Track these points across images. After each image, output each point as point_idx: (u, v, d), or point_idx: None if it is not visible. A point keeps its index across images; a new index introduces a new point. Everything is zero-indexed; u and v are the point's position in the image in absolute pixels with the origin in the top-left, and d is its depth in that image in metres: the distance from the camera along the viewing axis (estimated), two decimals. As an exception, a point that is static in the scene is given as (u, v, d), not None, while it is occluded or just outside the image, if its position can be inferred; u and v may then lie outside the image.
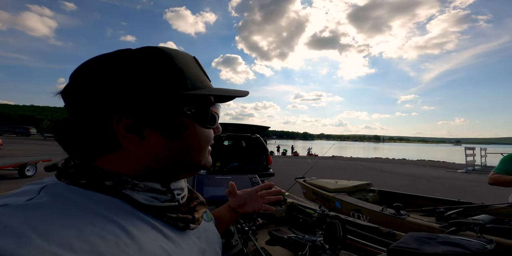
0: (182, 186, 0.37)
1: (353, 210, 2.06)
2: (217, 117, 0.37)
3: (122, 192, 0.29)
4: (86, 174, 0.29)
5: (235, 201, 0.61)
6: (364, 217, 1.93)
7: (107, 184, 0.28)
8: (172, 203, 0.33)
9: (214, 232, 0.44)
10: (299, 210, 1.48)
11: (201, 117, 0.34)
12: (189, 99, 0.32)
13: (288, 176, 7.51)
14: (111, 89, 0.28)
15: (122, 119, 0.29)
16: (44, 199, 0.24)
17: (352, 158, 19.14)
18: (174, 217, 0.32)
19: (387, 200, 2.56)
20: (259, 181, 1.05)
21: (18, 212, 0.21)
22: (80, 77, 0.29)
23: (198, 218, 0.36)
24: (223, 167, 4.68)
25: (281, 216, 1.53)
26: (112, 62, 0.29)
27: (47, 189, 0.26)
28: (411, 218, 1.64)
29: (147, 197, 0.30)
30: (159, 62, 0.30)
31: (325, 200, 2.53)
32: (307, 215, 1.36)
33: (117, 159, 0.30)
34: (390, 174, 9.36)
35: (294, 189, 3.21)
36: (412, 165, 13.56)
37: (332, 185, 2.68)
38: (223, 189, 0.91)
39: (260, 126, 4.92)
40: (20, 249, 0.18)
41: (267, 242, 1.14)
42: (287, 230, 1.35)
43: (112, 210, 0.27)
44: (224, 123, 4.62)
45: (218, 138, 4.80)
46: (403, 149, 71.19)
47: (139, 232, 0.27)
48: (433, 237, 0.71)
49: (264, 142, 5.32)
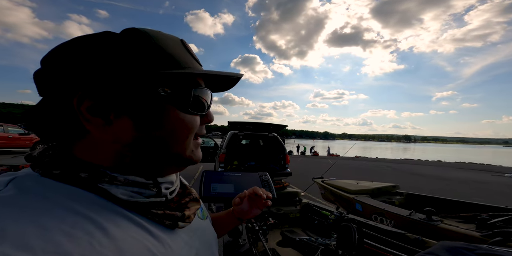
0: (172, 179, 0.34)
1: (375, 214, 1.90)
2: (205, 102, 0.33)
3: (97, 186, 0.26)
4: (61, 164, 0.26)
5: (240, 208, 0.56)
6: (388, 221, 1.77)
7: (82, 176, 0.26)
8: (158, 198, 0.30)
9: (209, 231, 0.41)
10: (314, 211, 1.41)
11: (180, 100, 0.30)
12: (166, 79, 0.29)
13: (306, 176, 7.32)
14: (73, 67, 0.26)
15: (84, 100, 0.26)
16: (9, 193, 0.22)
17: (377, 159, 17.94)
18: (160, 214, 0.29)
19: (416, 204, 2.32)
20: (269, 179, 1.01)
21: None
22: (46, 59, 0.27)
23: (189, 216, 0.33)
24: (241, 166, 4.72)
25: (296, 217, 1.47)
26: (78, 41, 0.27)
27: (16, 181, 0.24)
28: (445, 225, 1.45)
29: (127, 191, 0.27)
30: (130, 40, 0.27)
31: (344, 201, 2.39)
32: (323, 216, 1.29)
33: (88, 147, 0.28)
34: (422, 177, 8.54)
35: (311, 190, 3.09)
36: (450, 168, 12.22)
37: (352, 186, 2.52)
38: (231, 186, 0.89)
39: (277, 124, 4.83)
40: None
41: (278, 243, 1.09)
42: (301, 231, 1.29)
43: (88, 205, 0.24)
44: (241, 122, 4.65)
45: (235, 137, 4.85)
46: (439, 150, 64.77)
47: (118, 230, 0.24)
48: (472, 247, 0.60)
49: (282, 141, 5.24)
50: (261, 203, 0.57)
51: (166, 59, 0.28)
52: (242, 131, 4.88)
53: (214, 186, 0.86)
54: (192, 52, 0.34)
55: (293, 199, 1.68)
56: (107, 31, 0.28)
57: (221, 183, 0.90)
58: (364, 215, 1.98)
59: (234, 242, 0.81)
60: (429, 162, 16.86)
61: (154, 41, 0.28)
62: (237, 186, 0.90)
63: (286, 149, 5.12)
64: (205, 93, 0.33)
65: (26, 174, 0.26)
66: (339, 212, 1.22)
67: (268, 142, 5.68)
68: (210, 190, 0.83)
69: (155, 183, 0.31)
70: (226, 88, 0.40)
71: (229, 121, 4.67)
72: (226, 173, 0.97)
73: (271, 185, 0.91)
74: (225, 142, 4.69)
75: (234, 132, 4.84)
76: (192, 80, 0.32)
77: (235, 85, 0.39)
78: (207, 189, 0.82)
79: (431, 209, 1.56)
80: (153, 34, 0.29)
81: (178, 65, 0.30)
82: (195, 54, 0.34)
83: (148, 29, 0.29)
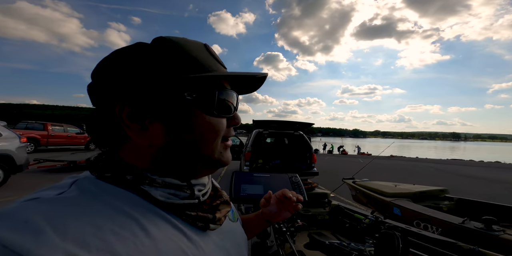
0: (204, 182, 0.35)
1: (418, 220, 1.70)
2: (231, 105, 0.33)
3: (140, 188, 0.28)
4: (111, 167, 0.29)
5: (268, 210, 0.56)
6: (433, 228, 1.56)
7: (128, 179, 0.28)
8: (192, 200, 0.31)
9: (240, 233, 0.42)
10: (345, 214, 1.32)
11: (205, 103, 0.30)
12: (191, 84, 0.29)
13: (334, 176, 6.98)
14: (114, 78, 0.29)
15: (124, 107, 0.29)
16: (72, 194, 0.25)
17: (418, 159, 16.14)
18: (193, 215, 0.30)
19: (470, 211, 2.01)
20: (300, 181, 0.97)
21: (44, 207, 0.22)
22: (93, 73, 0.31)
23: (219, 218, 0.34)
24: (265, 165, 4.72)
25: (324, 219, 1.40)
26: (116, 54, 0.30)
27: (77, 183, 0.27)
28: (509, 235, 1.22)
29: (165, 193, 0.29)
30: (158, 48, 0.29)
31: (379, 205, 2.20)
32: (355, 220, 1.20)
33: (131, 151, 0.31)
34: (474, 179, 7.40)
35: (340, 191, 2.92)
36: (509, 170, 10.33)
37: (390, 188, 2.30)
38: (260, 187, 0.88)
39: (303, 122, 4.70)
40: (34, 245, 0.18)
41: (306, 245, 1.05)
42: (330, 234, 1.22)
43: (133, 206, 0.26)
44: (265, 120, 4.65)
45: (260, 135, 4.87)
46: (496, 150, 55.39)
47: (158, 231, 0.26)
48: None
49: (308, 140, 5.08)
50: (291, 206, 0.55)
51: (190, 64, 0.29)
52: (267, 129, 4.87)
53: (244, 187, 0.86)
54: (216, 55, 0.34)
55: (322, 200, 1.61)
56: (139, 43, 0.30)
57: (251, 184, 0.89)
58: (404, 220, 1.79)
59: (262, 243, 0.80)
60: (484, 163, 14.50)
61: (178, 47, 0.29)
62: (266, 187, 0.89)
63: (312, 147, 4.95)
64: (230, 95, 0.33)
65: (85, 177, 0.29)
66: (375, 216, 1.12)
67: (293, 140, 5.57)
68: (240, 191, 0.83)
69: (188, 185, 0.32)
70: (252, 89, 0.40)
71: (254, 119, 4.70)
72: (255, 174, 0.96)
73: (302, 187, 0.88)
74: (251, 141, 4.74)
75: (259, 131, 4.86)
76: (217, 83, 0.32)
77: (262, 85, 0.38)
78: (237, 190, 0.83)
79: (492, 218, 1.33)
80: (178, 40, 0.30)
81: (202, 69, 0.30)
82: (218, 57, 0.35)
83: (173, 37, 0.31)
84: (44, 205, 0.22)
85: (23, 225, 0.19)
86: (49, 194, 0.24)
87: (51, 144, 9.49)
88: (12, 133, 4.02)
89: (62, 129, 10.10)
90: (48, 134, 9.33)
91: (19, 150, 3.99)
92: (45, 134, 9.23)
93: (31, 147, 8.58)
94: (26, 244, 0.18)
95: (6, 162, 3.79)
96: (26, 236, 0.18)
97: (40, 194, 0.24)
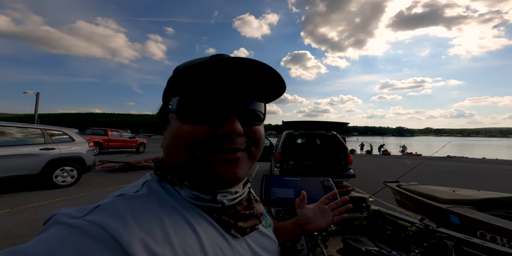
0: (231, 189, 0.35)
1: (483, 230, 1.43)
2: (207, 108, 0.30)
3: (173, 187, 0.32)
4: (160, 168, 0.35)
5: (303, 216, 0.54)
6: (504, 241, 1.29)
7: (168, 178, 0.33)
8: (214, 204, 0.32)
9: (271, 239, 0.42)
10: (387, 220, 1.21)
11: (177, 109, 0.31)
12: (173, 92, 0.32)
13: (373, 178, 6.37)
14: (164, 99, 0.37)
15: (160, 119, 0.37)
16: (143, 192, 0.30)
17: (485, 160, 13.47)
18: (216, 217, 0.32)
19: None
20: (333, 185, 0.94)
21: (128, 201, 0.27)
22: None
23: (244, 228, 0.34)
24: (296, 166, 4.61)
25: (361, 224, 1.31)
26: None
27: (147, 183, 0.32)
28: None
29: (190, 194, 0.32)
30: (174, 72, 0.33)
31: (432, 212, 1.93)
32: (399, 227, 1.09)
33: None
34: None
35: (382, 195, 2.66)
36: None
37: (446, 194, 2.00)
38: (291, 191, 0.89)
39: (336, 122, 4.44)
40: (122, 231, 0.22)
41: (339, 250, 1.00)
42: (367, 241, 1.13)
43: (181, 204, 0.30)
44: (295, 121, 4.56)
45: (291, 136, 4.80)
46: None
47: (201, 229, 0.29)
48: None
49: (342, 140, 4.78)
50: (329, 217, 0.53)
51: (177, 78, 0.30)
52: (297, 130, 4.77)
53: (274, 191, 0.87)
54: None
55: (359, 205, 1.51)
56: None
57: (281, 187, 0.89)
58: (464, 230, 1.53)
59: (292, 247, 0.80)
60: None
61: (180, 67, 0.35)
62: (297, 191, 0.89)
63: (348, 148, 4.63)
64: (206, 98, 0.30)
65: (152, 178, 0.34)
66: (424, 224, 0.99)
67: (326, 141, 5.32)
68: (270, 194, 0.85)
69: (210, 190, 0.33)
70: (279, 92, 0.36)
71: (283, 120, 4.65)
72: (286, 177, 0.95)
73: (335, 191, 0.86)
74: (281, 142, 4.71)
75: (289, 132, 4.79)
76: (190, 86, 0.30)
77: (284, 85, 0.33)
78: (267, 193, 0.84)
79: None
80: (185, 63, 0.35)
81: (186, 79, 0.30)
82: None
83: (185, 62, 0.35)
84: (128, 200, 0.27)
85: (117, 215, 0.24)
86: (129, 191, 0.30)
87: (110, 147, 11.21)
88: (83, 139, 4.87)
89: (118, 134, 11.81)
90: (109, 139, 11.04)
91: (88, 153, 4.81)
92: (106, 139, 10.96)
93: (96, 150, 10.26)
94: (118, 230, 0.22)
95: (79, 163, 4.61)
96: (118, 223, 0.23)
97: (123, 191, 0.30)
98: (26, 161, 3.79)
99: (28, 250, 0.20)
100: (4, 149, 3.56)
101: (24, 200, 3.51)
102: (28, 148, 3.84)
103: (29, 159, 3.83)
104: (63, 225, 0.23)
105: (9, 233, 2.38)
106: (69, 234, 0.21)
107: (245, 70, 0.29)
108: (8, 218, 2.78)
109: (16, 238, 2.30)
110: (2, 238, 2.27)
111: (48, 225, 0.24)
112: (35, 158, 3.90)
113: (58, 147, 4.25)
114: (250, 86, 0.32)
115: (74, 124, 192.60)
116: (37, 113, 15.26)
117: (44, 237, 0.22)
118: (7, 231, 2.44)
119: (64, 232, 0.22)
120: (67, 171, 4.44)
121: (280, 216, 1.13)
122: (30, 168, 3.86)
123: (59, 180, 4.32)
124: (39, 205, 3.30)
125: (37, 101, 15.21)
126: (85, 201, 3.61)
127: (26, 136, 3.95)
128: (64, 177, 4.39)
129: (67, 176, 4.44)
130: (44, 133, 4.19)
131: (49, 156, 4.07)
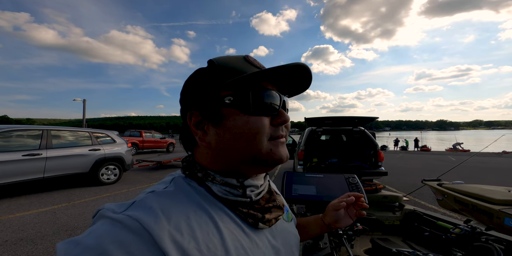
0: (257, 183, 0.37)
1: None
2: (272, 104, 0.34)
3: (205, 183, 0.34)
4: (189, 167, 0.37)
5: (331, 216, 0.54)
6: None
7: (199, 176, 0.35)
8: (244, 198, 0.34)
9: (292, 233, 0.43)
10: (425, 221, 1.11)
11: (241, 104, 0.33)
12: (228, 89, 0.33)
13: (409, 176, 5.83)
14: (185, 95, 0.38)
15: (191, 118, 0.36)
16: (172, 188, 0.32)
17: (554, 156, 11.26)
18: (245, 212, 0.34)
19: None
20: (358, 182, 0.90)
21: (158, 197, 0.29)
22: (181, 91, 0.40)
23: (268, 219, 0.36)
24: (321, 163, 4.45)
25: (393, 224, 1.21)
26: (189, 77, 0.38)
27: (175, 180, 0.34)
28: None
29: (222, 190, 0.34)
30: (207, 68, 0.36)
31: (481, 213, 1.70)
32: (439, 229, 0.99)
33: (200, 153, 0.38)
34: None
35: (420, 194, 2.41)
36: None
37: (500, 194, 1.74)
38: (313, 188, 0.87)
39: (364, 117, 4.15)
40: (154, 225, 0.25)
41: (366, 251, 0.95)
42: (400, 241, 1.05)
43: (205, 200, 0.32)
44: (318, 117, 4.39)
45: (314, 133, 4.65)
46: None
47: (222, 224, 0.30)
48: None
49: (371, 135, 4.46)
50: (353, 213, 0.53)
51: (227, 74, 0.34)
52: (320, 127, 4.59)
53: (296, 188, 0.86)
54: (255, 62, 0.37)
55: (390, 204, 1.40)
56: (200, 68, 0.37)
57: (303, 184, 0.88)
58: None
59: (314, 245, 0.78)
60: None
61: (219, 64, 0.35)
62: (319, 188, 0.87)
63: (378, 144, 4.31)
64: (270, 94, 0.34)
65: (179, 175, 0.37)
66: (471, 226, 0.88)
67: (352, 137, 5.02)
68: (291, 191, 0.83)
69: (241, 186, 0.35)
70: (303, 88, 0.40)
71: (305, 117, 4.52)
72: (307, 174, 0.93)
73: (361, 189, 0.81)
74: (303, 139, 4.59)
75: (312, 129, 4.64)
76: (253, 84, 0.34)
77: (311, 81, 0.38)
78: (288, 190, 0.84)
79: None
80: (219, 59, 0.36)
81: (238, 75, 0.33)
82: (259, 64, 0.38)
83: (218, 57, 0.36)
84: (158, 196, 0.30)
85: (149, 210, 0.27)
86: (159, 188, 0.32)
87: (145, 148, 12.28)
88: (122, 140, 5.41)
89: (151, 135, 12.86)
90: (143, 140, 12.11)
91: (127, 153, 5.34)
92: (141, 140, 12.03)
93: (134, 151, 11.35)
94: (151, 224, 0.25)
95: (120, 162, 5.16)
96: (150, 217, 0.26)
97: (153, 188, 0.33)
98: (78, 161, 4.39)
99: (82, 241, 0.23)
100: (61, 150, 4.16)
101: (78, 195, 4.07)
102: (79, 149, 4.43)
103: (81, 159, 4.42)
104: (107, 219, 0.26)
105: (67, 225, 2.78)
106: (113, 227, 0.24)
107: (293, 72, 0.35)
108: (66, 211, 3.26)
109: (73, 229, 2.67)
110: (61, 230, 2.65)
111: (96, 218, 0.27)
112: (85, 158, 4.48)
113: (102, 148, 4.82)
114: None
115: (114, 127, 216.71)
116: (84, 118, 17.46)
117: (93, 230, 0.25)
118: (65, 223, 2.86)
119: (109, 225, 0.25)
120: (111, 169, 5.00)
121: (302, 214, 1.11)
122: (82, 167, 4.45)
123: (105, 177, 4.89)
124: (90, 200, 3.79)
125: (84, 107, 17.37)
126: (126, 197, 4.03)
127: (77, 138, 4.57)
128: (108, 175, 4.96)
129: (110, 174, 5.01)
130: (91, 136, 4.79)
131: (96, 156, 4.64)
